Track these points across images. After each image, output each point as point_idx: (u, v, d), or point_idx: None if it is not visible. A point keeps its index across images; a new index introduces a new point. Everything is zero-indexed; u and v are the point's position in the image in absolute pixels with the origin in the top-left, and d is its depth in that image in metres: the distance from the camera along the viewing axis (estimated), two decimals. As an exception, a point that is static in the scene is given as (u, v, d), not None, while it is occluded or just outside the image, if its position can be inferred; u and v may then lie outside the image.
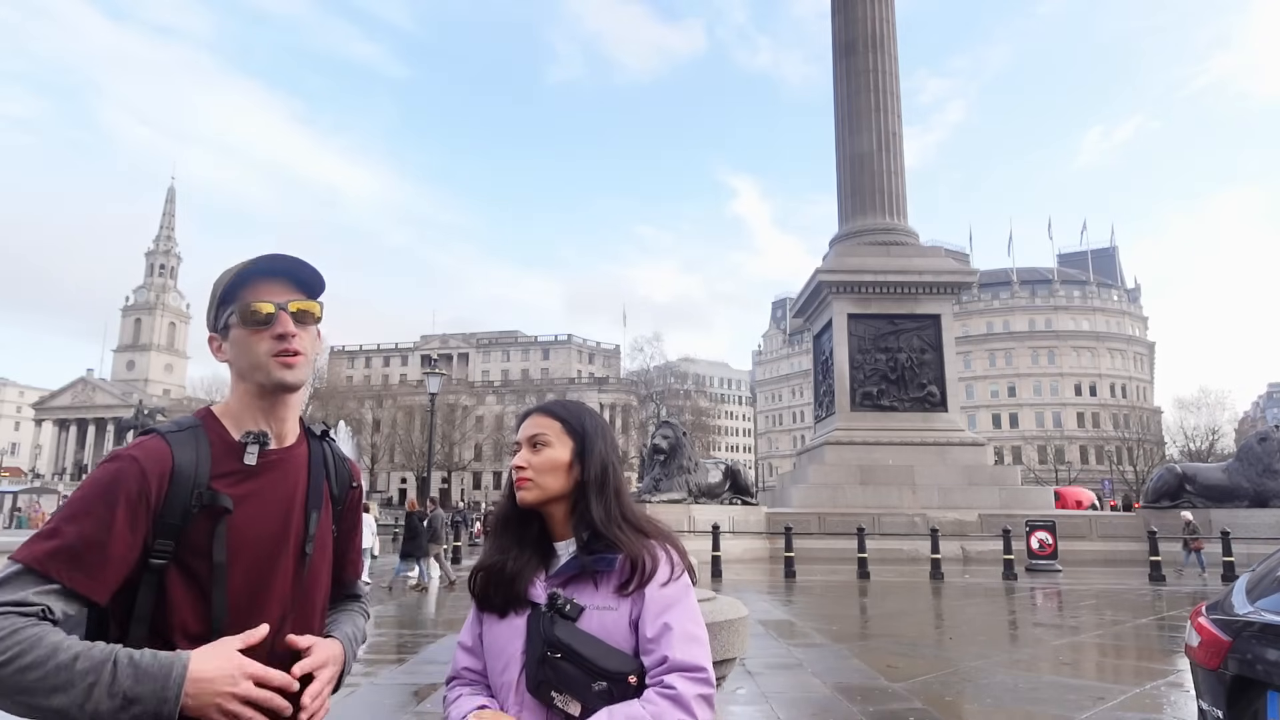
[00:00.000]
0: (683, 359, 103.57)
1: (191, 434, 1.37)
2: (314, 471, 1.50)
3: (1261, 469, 19.38)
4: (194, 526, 1.31)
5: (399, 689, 6.52)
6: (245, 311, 1.41)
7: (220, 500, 1.32)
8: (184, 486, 1.31)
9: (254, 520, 1.36)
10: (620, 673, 1.37)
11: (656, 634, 1.39)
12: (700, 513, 19.05)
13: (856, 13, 26.40)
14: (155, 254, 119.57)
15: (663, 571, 1.45)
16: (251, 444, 1.40)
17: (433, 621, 11.08)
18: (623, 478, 1.61)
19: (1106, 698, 5.94)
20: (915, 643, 8.61)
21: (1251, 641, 3.01)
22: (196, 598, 1.30)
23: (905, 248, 25.45)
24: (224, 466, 1.36)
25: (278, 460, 1.44)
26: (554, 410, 1.59)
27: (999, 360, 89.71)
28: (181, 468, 1.31)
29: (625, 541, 1.47)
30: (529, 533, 1.55)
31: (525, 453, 1.54)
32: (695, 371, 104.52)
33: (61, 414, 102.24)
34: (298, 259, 1.48)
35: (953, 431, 23.93)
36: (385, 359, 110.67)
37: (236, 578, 1.33)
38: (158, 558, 1.28)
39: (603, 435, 1.59)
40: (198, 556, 1.30)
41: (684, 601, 1.45)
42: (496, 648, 1.49)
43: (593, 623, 1.41)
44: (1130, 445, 73.92)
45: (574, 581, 1.46)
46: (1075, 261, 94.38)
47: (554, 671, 1.37)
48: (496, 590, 1.51)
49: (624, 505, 1.55)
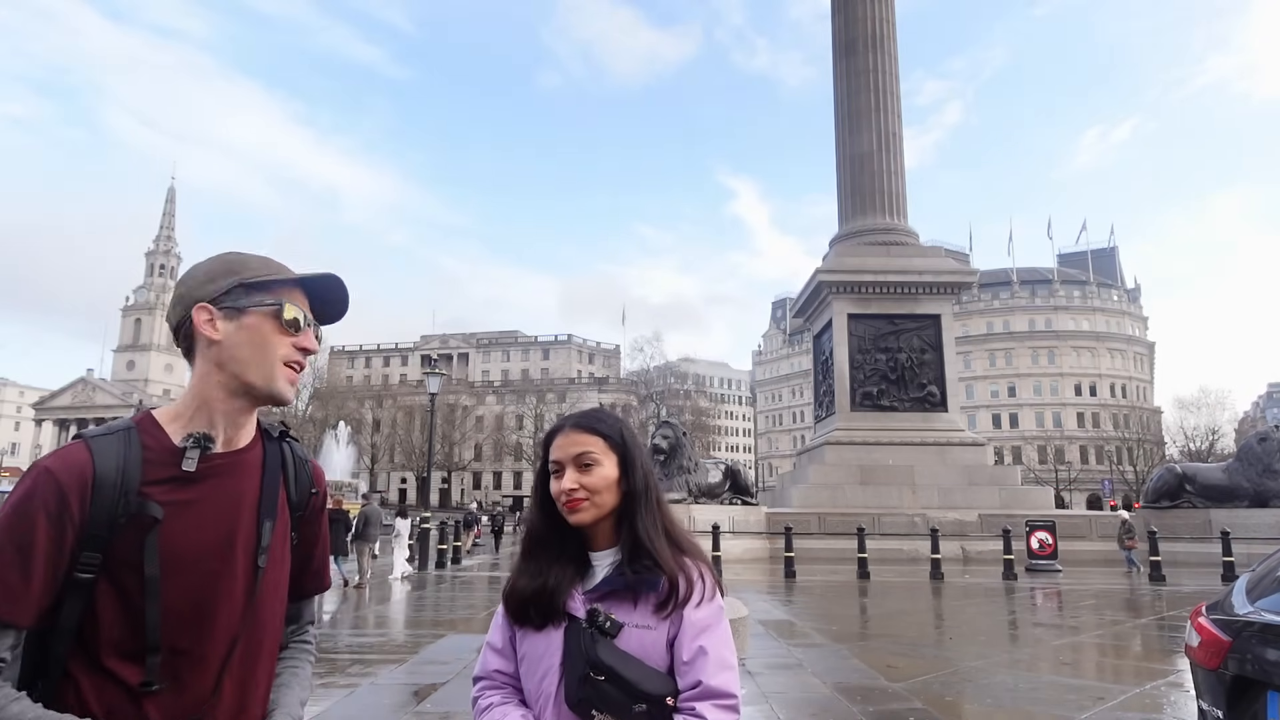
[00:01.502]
0: (683, 359, 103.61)
1: (121, 438, 1.27)
2: (268, 476, 1.39)
3: (1261, 469, 19.39)
4: (121, 538, 1.21)
5: (399, 689, 6.52)
6: (288, 312, 1.36)
7: (148, 509, 1.23)
8: (108, 495, 1.21)
9: (191, 530, 1.26)
10: (660, 695, 1.39)
11: (692, 657, 1.41)
12: (700, 513, 19.04)
13: (856, 12, 26.41)
14: (155, 254, 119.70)
15: (699, 593, 1.47)
16: (191, 448, 1.29)
17: (432, 621, 11.07)
18: (659, 486, 1.60)
19: (1106, 698, 5.94)
20: (915, 643, 8.61)
21: (1251, 641, 3.01)
22: (128, 613, 1.21)
23: (905, 248, 25.45)
24: (157, 473, 1.26)
25: (223, 465, 1.33)
26: (594, 426, 1.56)
27: (999, 360, 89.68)
28: (104, 475, 1.22)
29: (665, 558, 1.48)
30: (568, 548, 1.54)
31: (574, 473, 1.50)
32: (695, 371, 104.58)
33: (61, 414, 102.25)
34: (340, 284, 1.44)
35: (953, 431, 23.92)
36: (385, 359, 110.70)
37: (173, 592, 1.23)
38: (84, 571, 1.20)
39: (639, 445, 1.59)
40: (128, 570, 1.21)
41: (719, 626, 1.47)
42: (533, 656, 1.49)
43: (631, 641, 1.42)
44: (1130, 445, 73.94)
45: (615, 597, 1.46)
46: (1075, 261, 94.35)
47: (595, 691, 1.37)
48: (537, 611, 1.50)
49: (665, 516, 1.56)
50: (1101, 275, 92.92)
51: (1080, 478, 76.52)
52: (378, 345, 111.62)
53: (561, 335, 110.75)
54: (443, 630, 9.87)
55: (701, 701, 1.38)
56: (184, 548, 1.25)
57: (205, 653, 1.27)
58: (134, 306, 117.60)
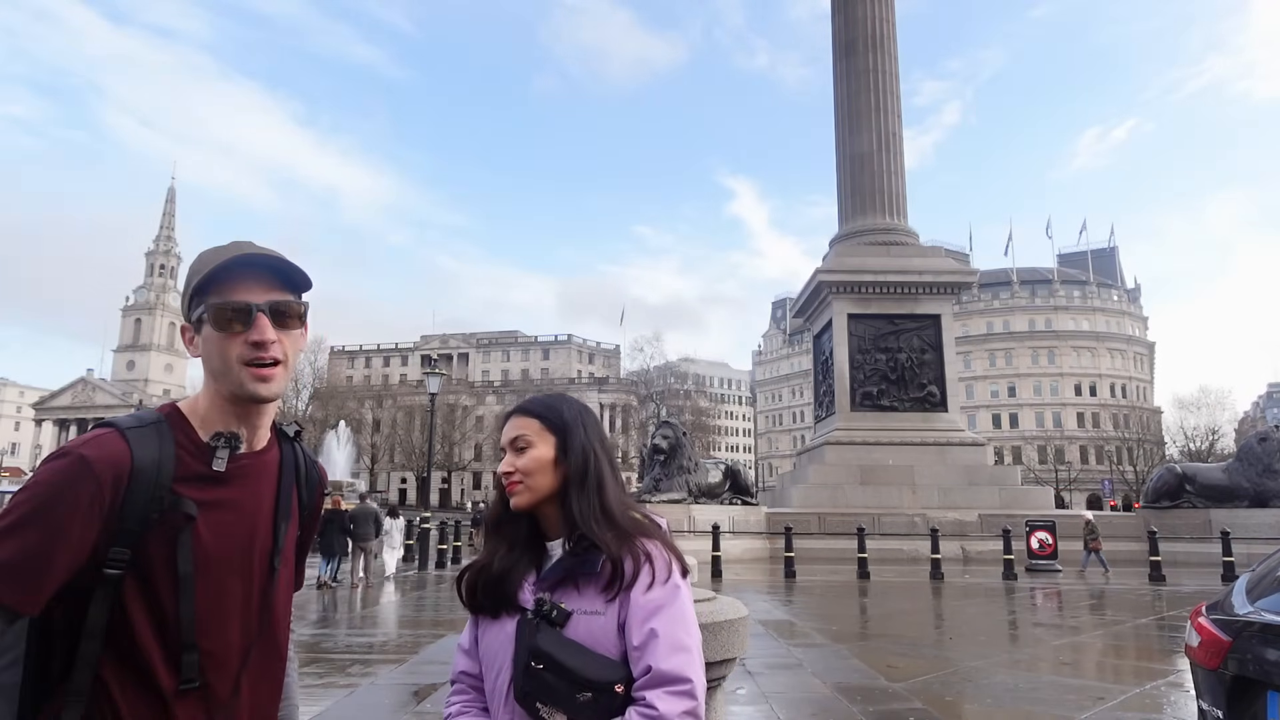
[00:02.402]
0: (683, 359, 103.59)
1: (154, 430, 1.24)
2: (284, 479, 1.38)
3: (1261, 469, 19.38)
4: (154, 534, 1.19)
5: (399, 689, 6.52)
6: (218, 312, 1.26)
7: (184, 506, 1.20)
8: (143, 489, 1.18)
9: (220, 530, 1.25)
10: (606, 682, 1.30)
11: (642, 641, 1.32)
12: (700, 513, 19.05)
13: (857, 13, 26.40)
14: (155, 254, 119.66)
15: (647, 573, 1.37)
16: (221, 448, 1.27)
17: (432, 621, 11.07)
18: (607, 467, 1.51)
19: (1106, 698, 5.94)
20: (915, 643, 8.61)
21: (1251, 641, 3.01)
22: (156, 613, 1.19)
23: (905, 248, 25.45)
24: (189, 469, 1.24)
25: (248, 466, 1.31)
26: (530, 409, 1.54)
27: (999, 360, 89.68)
28: (141, 468, 1.18)
29: (606, 540, 1.39)
30: (519, 532, 1.50)
31: (510, 456, 1.49)
32: (695, 371, 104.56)
33: (61, 414, 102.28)
34: (278, 255, 1.32)
35: (953, 431, 23.92)
36: (385, 359, 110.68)
37: (203, 593, 1.21)
38: (113, 567, 1.16)
39: (583, 423, 1.52)
40: (159, 567, 1.18)
41: (672, 605, 1.35)
42: (490, 652, 1.45)
43: (580, 629, 1.35)
44: (1130, 445, 73.94)
45: (562, 585, 1.41)
46: (1075, 261, 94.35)
47: (538, 682, 1.31)
48: (484, 593, 1.47)
49: (605, 498, 1.46)
50: (1101, 275, 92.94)
51: (1080, 478, 76.50)
52: (378, 345, 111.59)
53: (561, 335, 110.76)
54: (442, 630, 9.88)
55: (652, 690, 1.29)
56: (211, 548, 1.24)
57: (227, 653, 1.26)
58: (134, 306, 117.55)
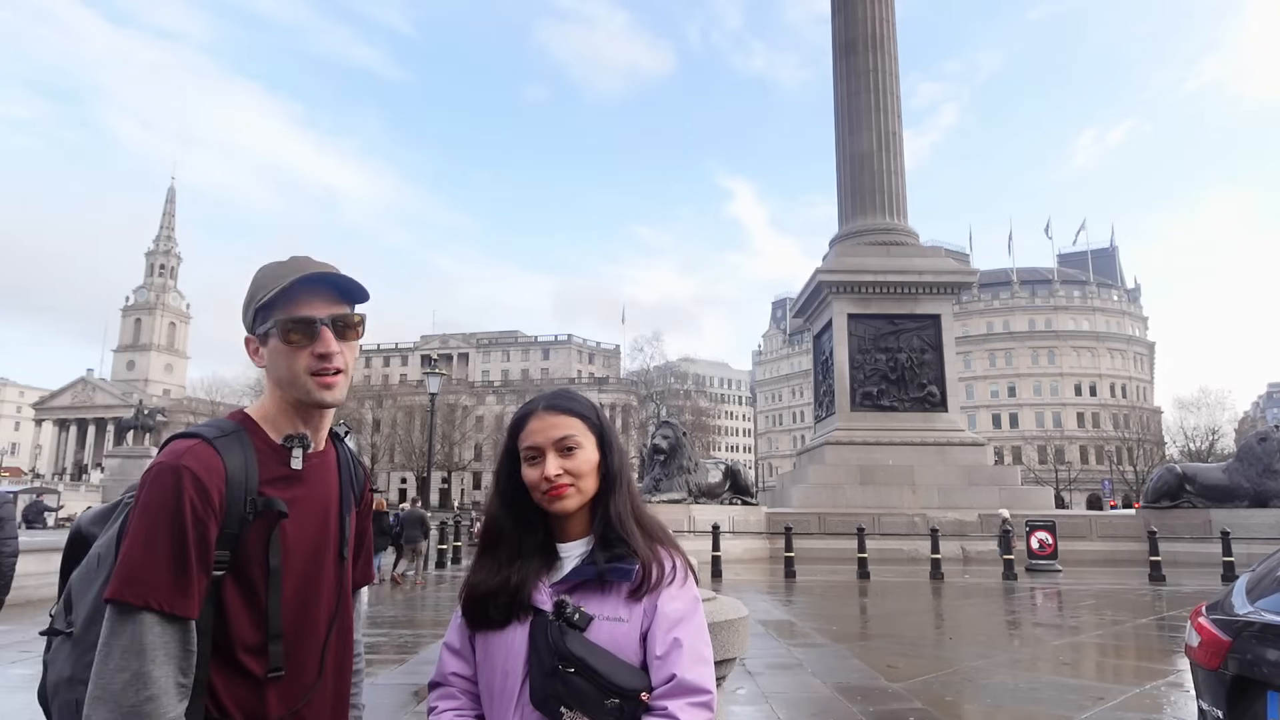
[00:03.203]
0: (683, 359, 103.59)
1: (236, 438, 1.34)
2: (344, 474, 1.50)
3: (1261, 469, 19.37)
4: (250, 534, 1.29)
5: (399, 689, 6.52)
6: (285, 329, 1.37)
7: (275, 505, 1.31)
8: (237, 494, 1.28)
9: (301, 525, 1.36)
10: (634, 689, 1.31)
11: (666, 651, 1.34)
12: (700, 513, 19.05)
13: (857, 13, 26.40)
14: (155, 254, 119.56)
15: (672, 581, 1.39)
16: (296, 447, 1.38)
17: (432, 621, 11.07)
18: (628, 467, 1.53)
19: (1106, 698, 5.93)
20: (915, 643, 8.61)
21: (1251, 641, 3.01)
22: (251, 608, 1.30)
23: (905, 248, 25.44)
24: (270, 471, 1.35)
25: (317, 464, 1.44)
26: (571, 408, 1.46)
27: (999, 360, 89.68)
28: (233, 475, 1.29)
29: (639, 544, 1.41)
30: (533, 539, 1.45)
31: (556, 458, 1.41)
32: (695, 371, 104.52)
33: (61, 414, 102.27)
34: (340, 274, 1.44)
35: (953, 431, 23.92)
36: (385, 359, 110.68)
37: (289, 585, 1.33)
38: (218, 569, 1.27)
39: (612, 424, 1.53)
40: (253, 564, 1.29)
41: (694, 617, 1.39)
42: (494, 656, 1.40)
43: (602, 634, 1.34)
44: (1130, 445, 73.91)
45: (581, 588, 1.38)
46: (1075, 262, 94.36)
47: (565, 686, 1.29)
48: (498, 609, 1.41)
49: (635, 500, 1.48)
50: (1101, 275, 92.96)
51: (1080, 478, 76.49)
52: (378, 345, 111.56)
53: (561, 335, 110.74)
54: (442, 631, 9.84)
55: (675, 699, 1.31)
56: (295, 542, 1.35)
57: (310, 639, 1.39)
58: (134, 306, 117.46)
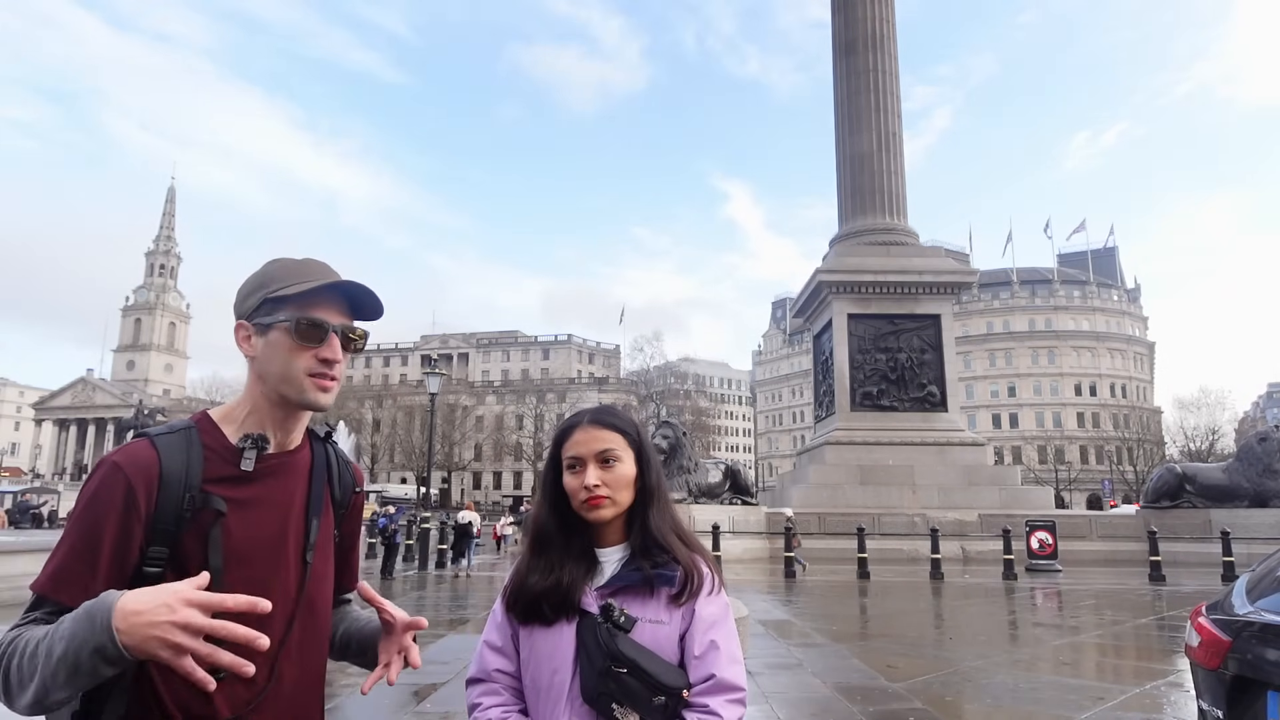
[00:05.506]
0: (683, 359, 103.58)
1: (183, 436, 1.34)
2: (315, 476, 1.47)
3: (1261, 469, 19.39)
4: (188, 532, 1.27)
5: (399, 689, 6.50)
6: (301, 326, 1.36)
7: (213, 503, 1.29)
8: (174, 491, 1.27)
9: (251, 526, 1.33)
10: (678, 688, 1.41)
11: (704, 651, 1.45)
12: (700, 513, 19.03)
13: (857, 13, 26.41)
14: (155, 254, 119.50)
15: (708, 587, 1.51)
16: (249, 449, 1.36)
17: (432, 621, 11.06)
18: (664, 480, 1.64)
19: (1106, 698, 5.94)
20: (915, 643, 8.61)
21: (1251, 641, 3.01)
22: None
23: (905, 248, 25.44)
24: (218, 471, 1.33)
25: (277, 465, 1.40)
26: (613, 423, 1.57)
27: (999, 360, 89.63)
28: (170, 472, 1.28)
29: (680, 552, 1.52)
30: (577, 544, 1.55)
31: (596, 470, 1.51)
32: (695, 371, 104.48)
33: (61, 414, 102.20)
34: (368, 288, 1.43)
35: (953, 431, 23.92)
36: (385, 359, 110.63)
37: (236, 585, 1.26)
38: (152, 565, 1.25)
39: (650, 442, 1.62)
40: (193, 563, 1.26)
41: (727, 620, 1.51)
42: (541, 653, 1.49)
43: (644, 636, 1.44)
44: (1130, 445, 73.85)
45: (624, 591, 1.48)
46: (1075, 261, 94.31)
47: (617, 684, 1.39)
48: (551, 608, 1.50)
49: (673, 513, 1.59)
50: (1101, 275, 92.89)
51: (1080, 478, 76.46)
52: (378, 345, 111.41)
53: (561, 335, 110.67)
54: (442, 630, 9.87)
55: (714, 696, 1.42)
56: (242, 543, 1.32)
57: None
58: (134, 306, 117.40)
